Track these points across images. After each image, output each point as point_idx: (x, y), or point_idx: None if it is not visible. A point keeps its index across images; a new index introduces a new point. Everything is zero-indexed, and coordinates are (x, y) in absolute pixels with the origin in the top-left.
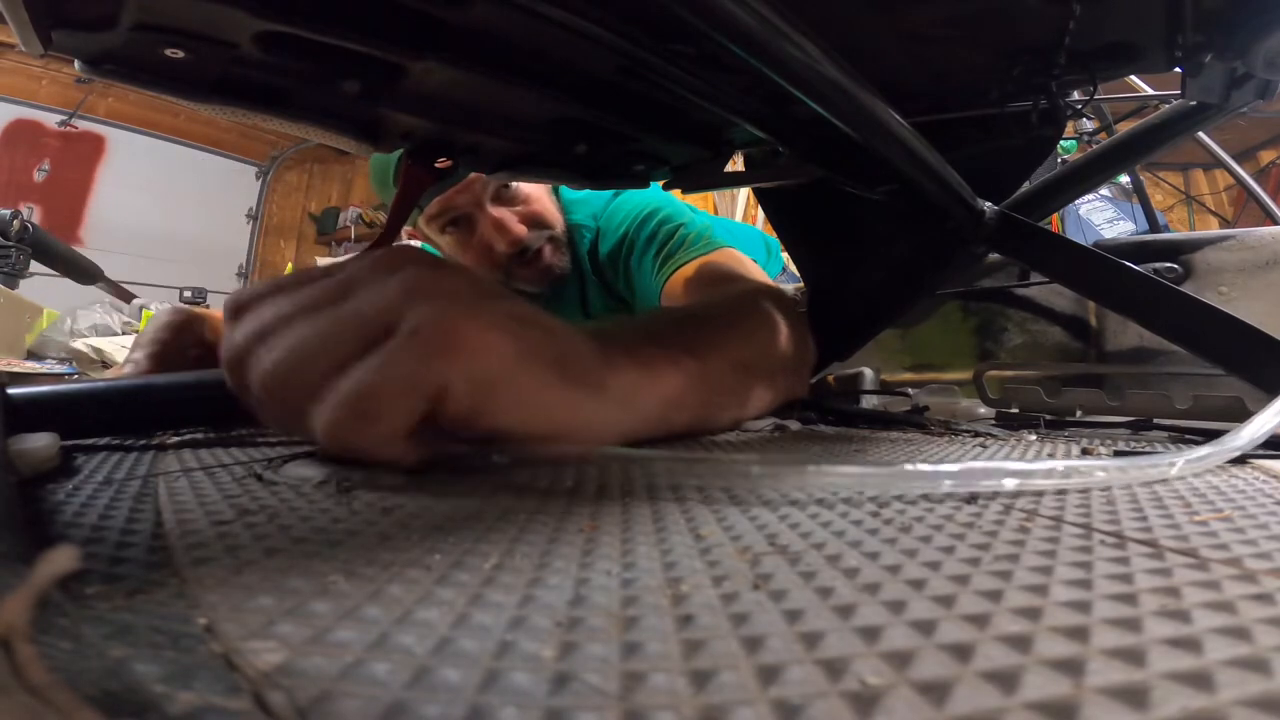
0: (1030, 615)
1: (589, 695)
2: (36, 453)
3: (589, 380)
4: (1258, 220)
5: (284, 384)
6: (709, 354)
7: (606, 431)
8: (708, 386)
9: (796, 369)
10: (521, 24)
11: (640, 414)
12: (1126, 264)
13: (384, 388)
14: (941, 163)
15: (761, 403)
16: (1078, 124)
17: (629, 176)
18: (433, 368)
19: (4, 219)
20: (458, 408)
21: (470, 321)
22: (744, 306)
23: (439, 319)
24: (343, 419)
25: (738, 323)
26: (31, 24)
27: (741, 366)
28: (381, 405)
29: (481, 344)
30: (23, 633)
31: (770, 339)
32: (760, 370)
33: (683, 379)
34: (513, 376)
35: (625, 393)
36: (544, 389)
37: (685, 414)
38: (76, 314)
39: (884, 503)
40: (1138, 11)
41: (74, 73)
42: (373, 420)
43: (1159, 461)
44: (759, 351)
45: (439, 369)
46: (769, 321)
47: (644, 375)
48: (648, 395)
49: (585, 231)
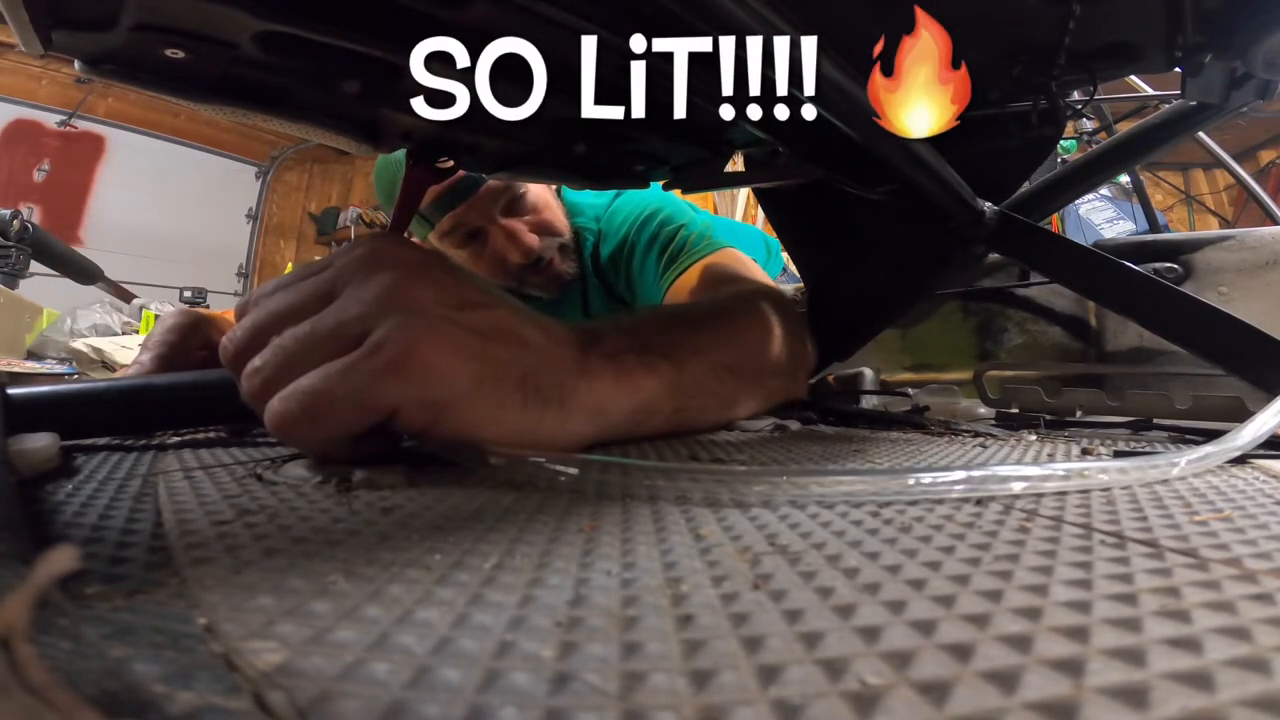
0: (1030, 615)
1: (589, 695)
2: (36, 453)
3: (555, 395)
4: (1258, 220)
5: (267, 385)
6: (689, 358)
7: (569, 442)
8: (684, 393)
9: (790, 370)
10: (521, 23)
11: (609, 422)
12: (1126, 264)
13: (333, 397)
14: (941, 163)
15: (750, 405)
16: (1078, 124)
17: (629, 176)
18: (384, 388)
19: (4, 219)
20: (409, 423)
21: (429, 342)
22: (735, 309)
23: (399, 338)
24: (290, 412)
25: (725, 326)
26: (31, 24)
27: (725, 370)
28: (328, 413)
29: (436, 368)
30: (23, 633)
31: (760, 341)
32: (747, 373)
33: (658, 385)
34: (466, 399)
35: (594, 403)
36: (499, 409)
37: (658, 419)
38: (76, 314)
39: (884, 503)
40: (1138, 12)
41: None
42: (317, 423)
43: (1161, 461)
44: (745, 354)
45: (390, 390)
46: (760, 323)
47: (616, 385)
48: (618, 404)
49: (588, 234)
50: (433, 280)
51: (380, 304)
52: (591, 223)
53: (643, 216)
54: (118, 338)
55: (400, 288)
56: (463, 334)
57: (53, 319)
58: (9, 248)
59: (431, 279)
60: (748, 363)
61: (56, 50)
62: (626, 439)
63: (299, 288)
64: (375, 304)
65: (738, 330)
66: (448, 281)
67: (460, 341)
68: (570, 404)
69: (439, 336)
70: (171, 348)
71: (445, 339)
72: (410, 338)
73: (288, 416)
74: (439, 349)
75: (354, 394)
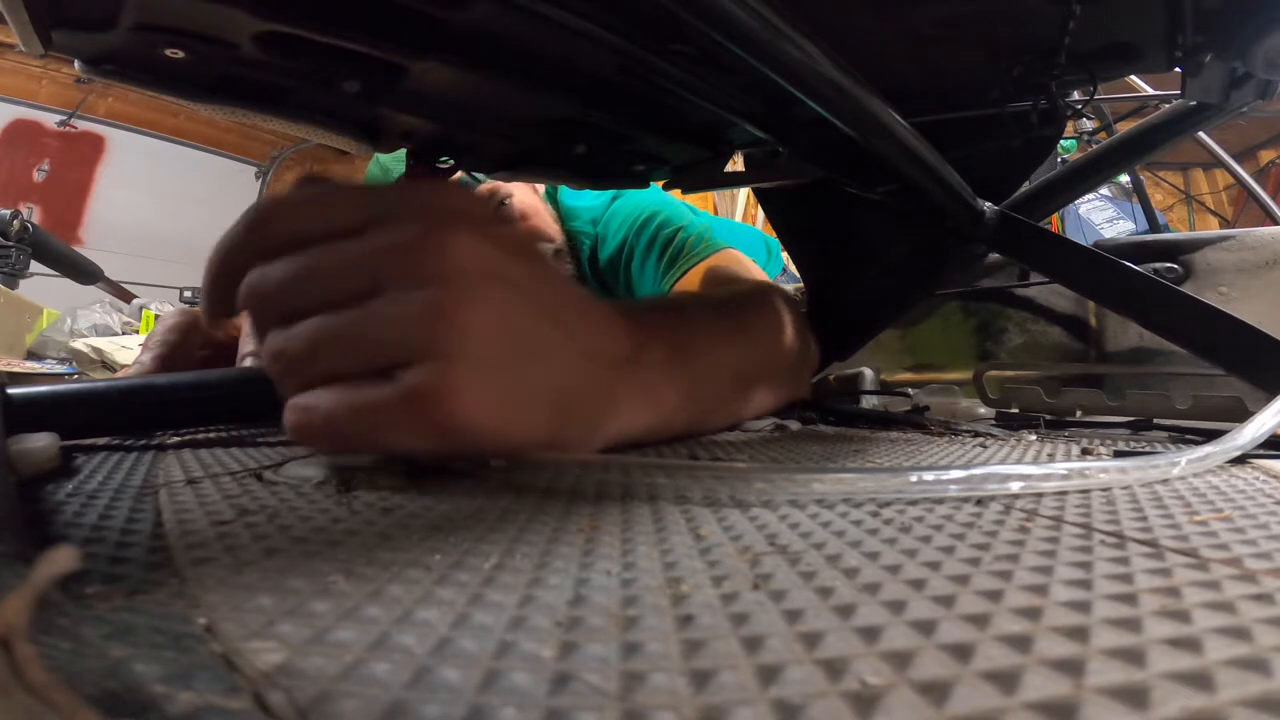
0: (1030, 615)
1: (589, 695)
2: (36, 453)
3: (585, 422)
4: (1258, 220)
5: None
6: (712, 370)
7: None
8: (701, 406)
9: (798, 372)
10: (521, 24)
11: (626, 438)
12: (1127, 264)
13: (354, 431)
14: (941, 163)
15: (758, 409)
16: (1078, 124)
17: (629, 176)
18: (410, 438)
19: (4, 219)
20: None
21: (471, 399)
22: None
23: (437, 388)
24: (310, 425)
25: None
26: (31, 24)
27: (742, 379)
28: (345, 439)
29: (473, 426)
30: (23, 633)
31: (775, 345)
32: (761, 379)
33: (679, 402)
34: (495, 439)
35: (619, 428)
36: (526, 437)
37: (672, 430)
38: (76, 314)
39: (884, 503)
40: (1138, 12)
41: (74, 73)
42: (334, 443)
43: (1162, 461)
44: (762, 360)
45: (417, 439)
46: (776, 326)
47: (644, 407)
48: (640, 422)
49: (584, 238)
50: (496, 302)
51: (427, 329)
52: (588, 226)
53: (641, 219)
54: (118, 338)
55: (456, 312)
56: (510, 380)
57: (53, 319)
58: (9, 248)
59: (495, 297)
60: (764, 369)
61: (56, 50)
62: (636, 446)
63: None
64: (421, 326)
65: (757, 335)
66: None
67: (505, 391)
68: (597, 429)
69: (485, 391)
70: (172, 348)
71: (491, 393)
72: (451, 389)
73: (306, 429)
74: (481, 406)
75: (376, 435)
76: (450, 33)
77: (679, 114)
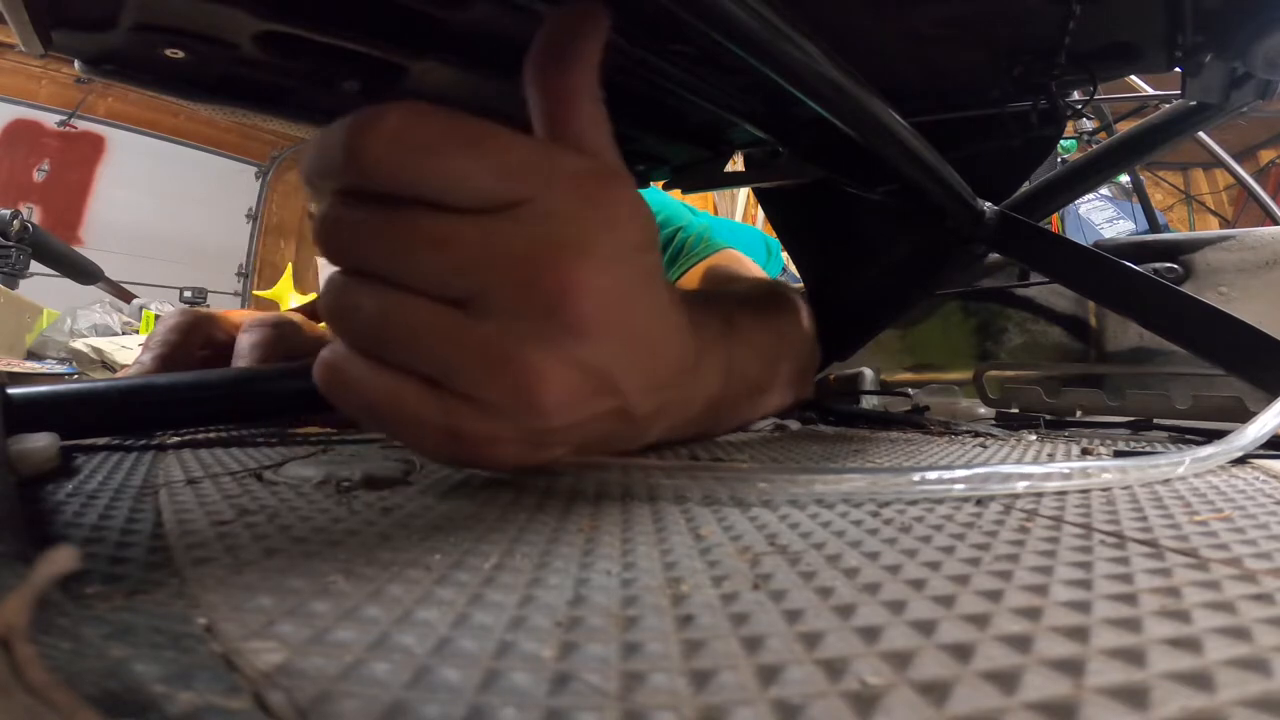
0: (1030, 615)
1: (589, 695)
2: (36, 453)
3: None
4: (1258, 220)
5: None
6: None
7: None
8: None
9: (805, 374)
10: (522, 24)
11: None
12: (1127, 264)
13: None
14: (941, 163)
15: (764, 413)
16: (1078, 124)
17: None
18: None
19: (4, 219)
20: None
21: (531, 455)
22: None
23: (504, 453)
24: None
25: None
26: (31, 24)
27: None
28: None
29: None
30: (23, 633)
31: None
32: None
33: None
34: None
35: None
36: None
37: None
38: (76, 314)
39: (884, 502)
40: (1138, 12)
41: (74, 73)
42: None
43: (1165, 461)
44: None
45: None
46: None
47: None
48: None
49: None
50: (591, 371)
51: (518, 397)
52: None
53: None
54: (118, 338)
55: (559, 393)
56: (578, 435)
57: (53, 319)
58: (9, 248)
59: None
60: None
61: (56, 50)
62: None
63: (455, 230)
64: (514, 392)
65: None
66: (616, 355)
67: (570, 444)
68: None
69: (547, 449)
70: (172, 347)
71: (555, 450)
72: (516, 457)
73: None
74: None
75: (416, 443)
76: (450, 33)
77: (679, 114)
